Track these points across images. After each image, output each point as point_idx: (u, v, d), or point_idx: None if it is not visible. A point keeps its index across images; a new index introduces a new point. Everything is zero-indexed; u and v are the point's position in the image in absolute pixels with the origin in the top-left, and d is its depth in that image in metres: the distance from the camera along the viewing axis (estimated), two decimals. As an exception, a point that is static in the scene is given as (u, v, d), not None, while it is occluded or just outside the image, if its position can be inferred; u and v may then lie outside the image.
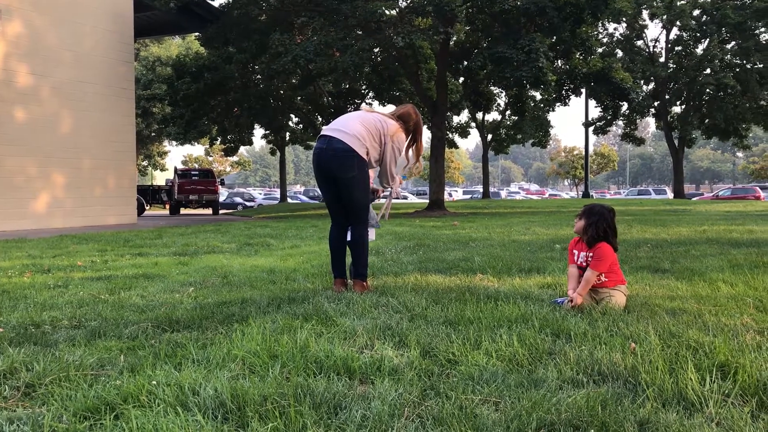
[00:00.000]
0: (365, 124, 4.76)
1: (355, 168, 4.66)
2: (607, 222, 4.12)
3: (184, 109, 26.79)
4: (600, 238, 4.09)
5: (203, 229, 13.80)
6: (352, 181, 4.70)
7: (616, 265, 4.15)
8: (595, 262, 4.05)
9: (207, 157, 69.09)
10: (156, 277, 6.08)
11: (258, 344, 3.06)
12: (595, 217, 4.12)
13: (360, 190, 4.76)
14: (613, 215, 4.19)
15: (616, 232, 4.20)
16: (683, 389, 2.40)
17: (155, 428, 2.00)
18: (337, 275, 4.97)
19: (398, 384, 2.53)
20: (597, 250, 4.09)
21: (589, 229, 4.11)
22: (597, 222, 4.10)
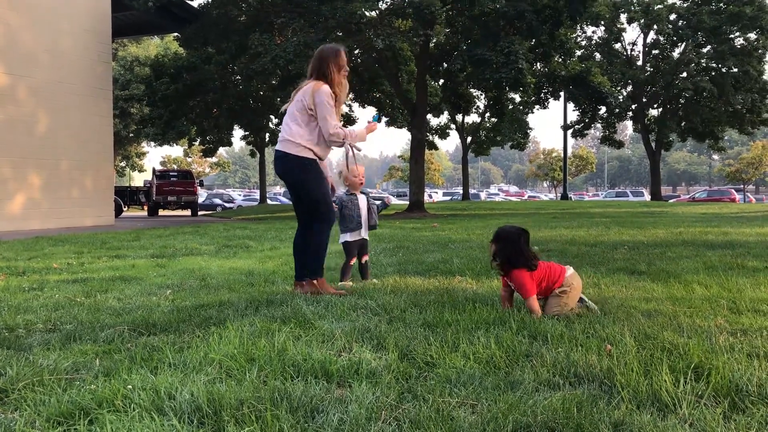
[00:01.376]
0: (294, 112, 4.84)
1: (295, 169, 4.83)
2: (514, 245, 3.92)
3: (163, 109, 26.59)
4: (510, 264, 3.91)
5: (181, 231, 13.70)
6: (300, 183, 4.88)
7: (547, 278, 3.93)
8: (521, 291, 3.92)
9: (186, 158, 68.59)
10: (133, 279, 6.03)
11: (235, 348, 3.05)
12: (502, 243, 3.95)
13: (309, 188, 4.85)
14: (523, 238, 3.97)
15: (528, 254, 3.95)
16: (657, 391, 2.43)
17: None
18: (296, 277, 5.00)
19: (376, 387, 2.54)
20: (513, 280, 3.95)
21: (497, 255, 3.96)
22: (504, 247, 3.93)
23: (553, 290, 3.95)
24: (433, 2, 18.76)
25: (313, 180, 4.86)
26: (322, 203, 4.87)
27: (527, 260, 3.91)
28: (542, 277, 3.94)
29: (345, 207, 5.27)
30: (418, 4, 18.66)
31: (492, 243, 4.02)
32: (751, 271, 5.71)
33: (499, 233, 4.04)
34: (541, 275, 3.94)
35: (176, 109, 26.41)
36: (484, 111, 35.52)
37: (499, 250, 3.95)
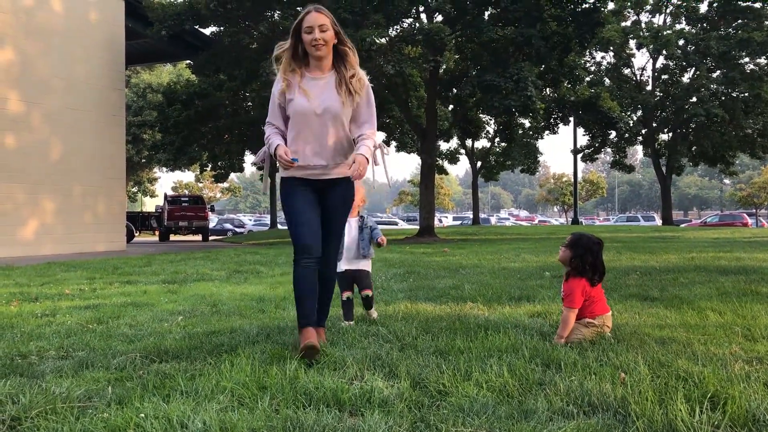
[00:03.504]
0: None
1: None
2: (593, 255, 3.91)
3: (175, 135, 26.84)
4: (584, 272, 3.91)
5: (193, 256, 13.74)
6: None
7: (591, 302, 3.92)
8: (567, 299, 3.90)
9: (197, 183, 69.00)
10: (145, 305, 6.04)
11: (247, 375, 3.04)
12: (581, 249, 3.91)
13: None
14: (600, 248, 3.97)
15: (603, 267, 3.98)
16: (673, 420, 2.40)
17: (143, 463, 1.98)
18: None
19: (388, 416, 2.52)
20: (565, 285, 3.96)
21: (573, 261, 3.92)
22: (583, 255, 3.90)
23: (585, 317, 3.93)
24: (443, 29, 18.94)
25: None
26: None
27: (593, 274, 3.93)
28: (589, 298, 3.92)
29: None
30: (427, 31, 18.82)
31: (567, 247, 3.98)
32: (766, 297, 5.65)
33: (579, 238, 3.99)
34: (590, 295, 3.93)
35: (188, 135, 26.66)
36: (494, 136, 35.64)
37: (575, 257, 3.92)
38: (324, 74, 3.84)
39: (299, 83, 3.80)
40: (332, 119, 3.75)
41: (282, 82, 3.84)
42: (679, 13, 35.97)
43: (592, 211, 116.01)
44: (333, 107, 3.74)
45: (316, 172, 3.81)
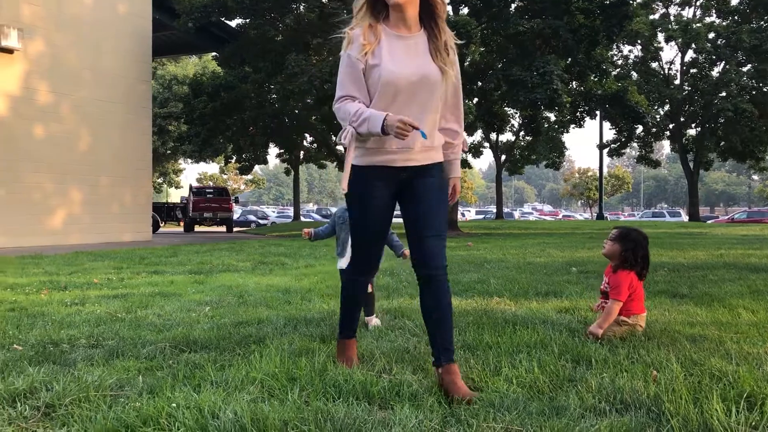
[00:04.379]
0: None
1: None
2: (644, 250, 3.99)
3: (200, 127, 26.97)
4: (635, 265, 3.96)
5: (218, 247, 13.84)
6: None
7: (631, 298, 3.94)
8: (615, 290, 3.90)
9: (222, 175, 69.48)
10: (172, 295, 6.09)
11: (276, 366, 3.05)
12: (632, 243, 3.97)
13: None
14: (647, 242, 4.06)
15: (647, 263, 4.05)
16: (709, 420, 2.36)
17: (176, 452, 1.99)
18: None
19: (418, 410, 2.51)
20: (613, 277, 3.96)
21: (624, 254, 3.96)
22: (634, 249, 3.96)
23: (620, 315, 3.92)
24: (469, 21, 18.82)
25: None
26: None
27: (642, 268, 4.00)
28: (631, 293, 3.95)
29: (338, 226, 4.25)
30: (453, 23, 18.71)
31: (615, 241, 4.00)
32: (799, 296, 5.55)
33: (629, 233, 4.03)
34: (634, 291, 3.96)
35: (213, 126, 26.77)
36: (519, 130, 35.38)
37: (629, 250, 3.96)
38: (412, 33, 3.00)
39: (383, 43, 2.96)
40: (430, 90, 2.96)
41: (362, 38, 2.93)
42: (710, 6, 35.38)
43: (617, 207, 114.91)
44: (432, 75, 2.95)
45: (402, 157, 2.99)
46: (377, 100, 2.94)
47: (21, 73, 15.89)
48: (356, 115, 2.89)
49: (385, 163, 3.01)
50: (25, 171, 15.97)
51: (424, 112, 2.98)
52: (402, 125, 2.76)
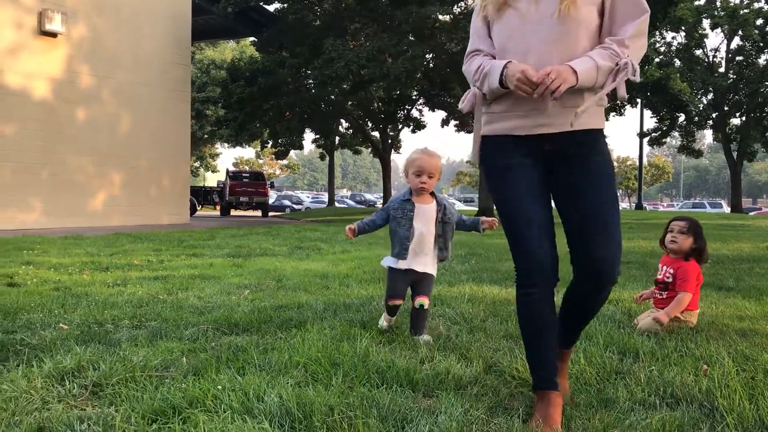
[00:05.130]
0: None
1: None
2: (705, 242, 3.97)
3: (238, 112, 27.17)
4: (700, 256, 3.95)
5: (254, 231, 13.95)
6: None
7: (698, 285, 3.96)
8: (686, 281, 3.83)
9: (257, 159, 70.01)
10: (211, 278, 6.14)
11: (319, 351, 3.04)
12: (701, 237, 3.94)
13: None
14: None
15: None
16: (765, 417, 2.29)
17: (224, 435, 1.99)
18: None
19: (464, 399, 2.48)
20: (682, 268, 3.88)
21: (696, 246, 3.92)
22: (703, 242, 3.95)
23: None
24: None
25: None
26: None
27: (704, 261, 4.02)
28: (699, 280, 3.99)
29: (393, 219, 3.52)
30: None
31: (687, 234, 3.92)
32: None
33: (698, 225, 4.00)
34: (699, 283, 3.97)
35: (250, 111, 26.94)
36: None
37: (698, 242, 3.93)
38: None
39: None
40: (575, 27, 2.27)
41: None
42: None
43: (656, 197, 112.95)
44: (576, 5, 2.27)
45: (532, 122, 2.33)
46: (507, 50, 2.37)
47: (64, 56, 16.13)
48: (478, 72, 2.39)
49: (512, 132, 2.37)
50: (67, 153, 16.25)
51: (569, 55, 2.26)
52: (523, 77, 2.17)
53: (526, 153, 2.37)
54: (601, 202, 2.30)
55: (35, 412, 2.31)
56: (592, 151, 2.35)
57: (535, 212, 2.35)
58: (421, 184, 3.42)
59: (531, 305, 2.37)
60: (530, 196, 2.36)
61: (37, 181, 15.62)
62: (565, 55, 2.26)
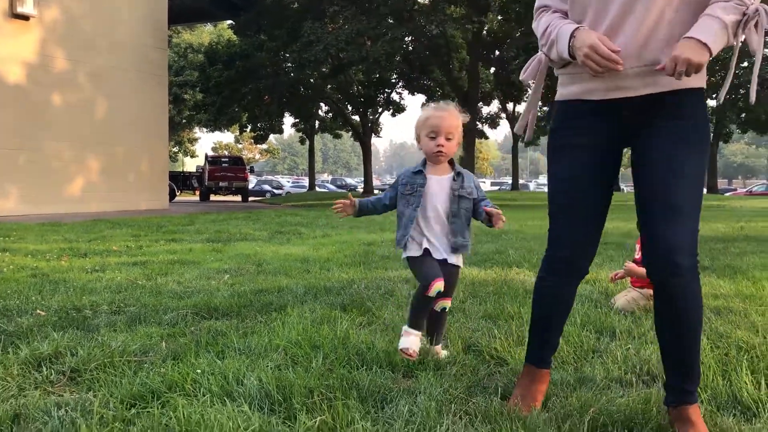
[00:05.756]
0: None
1: None
2: None
3: (216, 96, 26.97)
4: None
5: (234, 216, 13.88)
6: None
7: None
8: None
9: (237, 144, 69.52)
10: (191, 263, 6.11)
11: (299, 334, 3.05)
12: None
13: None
14: None
15: None
16: (738, 392, 2.33)
17: (203, 418, 1.99)
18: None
19: (443, 379, 2.50)
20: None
21: None
22: None
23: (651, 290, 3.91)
24: (488, -11, 18.53)
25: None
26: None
27: None
28: None
29: (402, 198, 2.77)
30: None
31: None
32: (824, 269, 5.48)
33: None
34: None
35: (229, 95, 26.75)
36: (536, 100, 35.00)
37: None
38: None
39: None
40: None
41: None
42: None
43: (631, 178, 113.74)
44: None
45: (607, 84, 2.02)
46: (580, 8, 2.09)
47: (37, 40, 15.86)
48: (545, 35, 2.13)
49: (584, 96, 2.09)
50: (44, 139, 16.03)
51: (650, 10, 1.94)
52: (591, 51, 1.92)
53: (599, 123, 2.07)
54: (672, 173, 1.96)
55: (11, 399, 2.29)
56: (684, 116, 1.99)
57: (591, 201, 2.12)
58: (438, 148, 2.66)
59: (553, 292, 2.22)
60: (591, 181, 2.11)
61: (13, 167, 15.40)
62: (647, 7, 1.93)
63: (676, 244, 1.92)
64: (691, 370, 2.03)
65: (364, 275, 5.18)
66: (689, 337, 2.01)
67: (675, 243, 1.92)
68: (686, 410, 2.00)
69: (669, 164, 1.95)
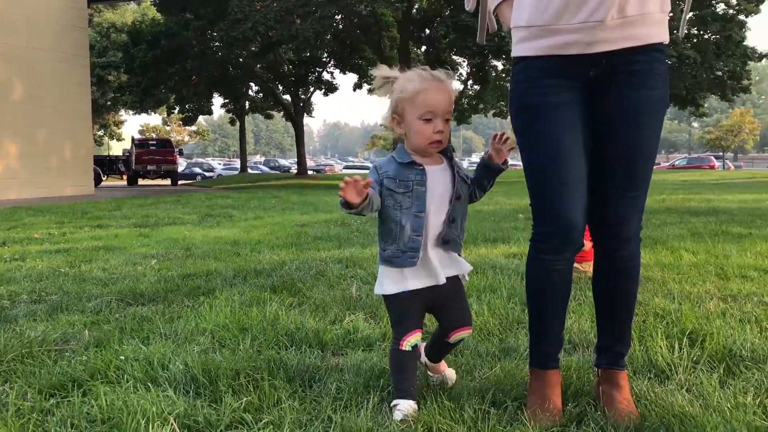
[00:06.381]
0: None
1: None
2: None
3: (141, 77, 26.18)
4: None
5: (163, 200, 13.57)
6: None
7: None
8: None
9: (165, 126, 67.73)
10: (117, 249, 5.95)
11: (227, 317, 3.01)
12: None
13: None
14: None
15: None
16: (653, 357, 2.43)
17: (125, 405, 1.95)
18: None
19: (372, 355, 2.52)
20: None
21: None
22: None
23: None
24: (416, -33, 18.52)
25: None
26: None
27: None
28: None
29: (390, 198, 1.99)
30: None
31: None
32: (736, 237, 5.76)
33: None
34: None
35: (154, 76, 26.00)
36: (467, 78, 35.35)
37: None
38: None
39: None
40: None
41: None
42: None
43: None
44: None
45: (585, 37, 1.85)
46: None
47: (-55, 19, 15.02)
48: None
49: (556, 51, 1.90)
50: (-45, 123, 15.25)
51: None
52: None
53: (566, 78, 1.92)
54: (634, 147, 1.92)
55: None
56: (645, 79, 1.91)
57: (576, 165, 1.93)
58: (437, 136, 1.97)
59: (548, 272, 2.01)
60: (573, 144, 1.93)
61: None
62: None
63: (630, 216, 1.97)
64: (625, 334, 2.10)
65: (296, 256, 5.15)
66: (630, 301, 2.07)
67: (628, 216, 1.97)
68: (617, 374, 2.06)
69: (631, 139, 1.92)
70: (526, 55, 1.95)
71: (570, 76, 1.91)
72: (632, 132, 1.91)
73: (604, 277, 2.09)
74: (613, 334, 2.10)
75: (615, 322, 2.09)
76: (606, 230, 2.01)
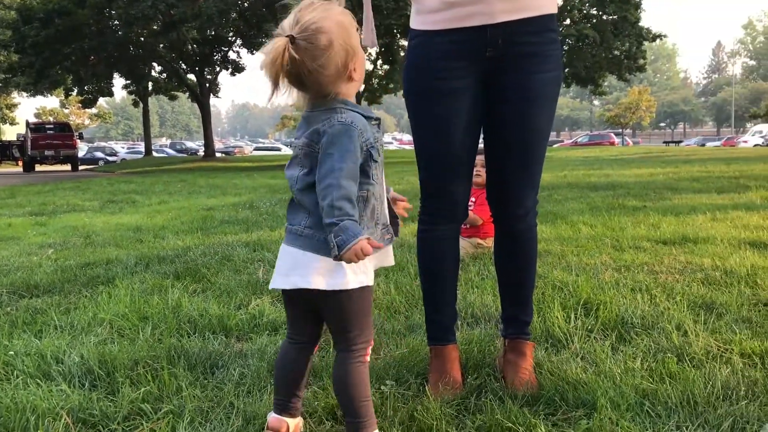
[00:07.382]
0: None
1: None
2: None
3: (34, 57, 24.79)
4: None
5: (62, 187, 12.96)
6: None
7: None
8: (479, 207, 4.05)
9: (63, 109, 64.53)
10: (10, 239, 5.65)
11: (126, 306, 2.92)
12: None
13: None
14: None
15: None
16: (551, 327, 2.52)
17: (14, 402, 1.86)
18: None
19: (277, 338, 2.50)
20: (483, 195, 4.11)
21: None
22: None
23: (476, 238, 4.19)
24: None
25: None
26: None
27: None
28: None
29: (374, 164, 1.59)
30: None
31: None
32: (632, 210, 6.03)
33: None
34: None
35: (49, 56, 24.68)
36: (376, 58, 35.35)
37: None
38: None
39: None
40: None
41: None
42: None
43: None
44: None
45: (476, 8, 1.85)
46: None
47: None
48: None
49: (457, 23, 1.87)
50: None
51: None
52: None
53: (467, 65, 1.92)
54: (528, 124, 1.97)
55: None
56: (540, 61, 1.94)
57: (463, 147, 2.00)
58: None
59: (438, 242, 2.10)
60: (464, 128, 1.97)
61: None
62: None
63: (526, 194, 2.06)
64: (527, 302, 2.20)
65: (202, 241, 5.04)
66: (530, 271, 2.18)
67: (525, 193, 2.06)
68: (522, 344, 2.15)
69: (527, 122, 1.96)
70: (426, 29, 1.94)
71: (467, 57, 1.91)
72: (528, 115, 1.96)
73: (506, 250, 2.19)
74: (517, 302, 2.20)
75: (518, 290, 2.19)
76: (506, 207, 2.10)
